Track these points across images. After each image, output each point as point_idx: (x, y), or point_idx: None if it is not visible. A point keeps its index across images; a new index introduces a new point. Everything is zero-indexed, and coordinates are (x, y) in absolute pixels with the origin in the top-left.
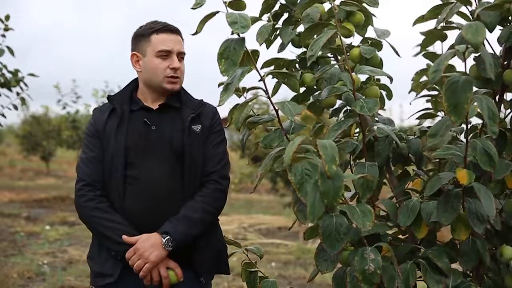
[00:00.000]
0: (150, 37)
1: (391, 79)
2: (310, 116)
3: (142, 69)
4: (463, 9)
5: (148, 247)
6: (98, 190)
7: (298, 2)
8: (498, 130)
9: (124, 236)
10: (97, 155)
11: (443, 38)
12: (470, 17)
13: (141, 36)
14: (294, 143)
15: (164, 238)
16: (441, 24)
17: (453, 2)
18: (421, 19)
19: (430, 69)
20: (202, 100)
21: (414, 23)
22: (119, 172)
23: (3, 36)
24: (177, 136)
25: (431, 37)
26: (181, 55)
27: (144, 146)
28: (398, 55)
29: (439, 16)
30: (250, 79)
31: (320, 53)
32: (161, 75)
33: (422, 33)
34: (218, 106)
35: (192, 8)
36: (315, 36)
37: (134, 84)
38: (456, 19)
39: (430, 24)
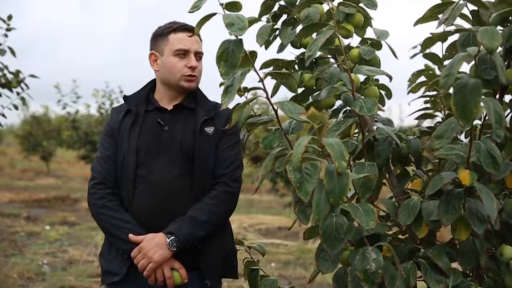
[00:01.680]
0: (168, 36)
1: (390, 77)
2: (316, 114)
3: (160, 68)
4: (463, 10)
5: (152, 246)
6: (109, 189)
7: (297, 3)
8: (503, 134)
9: (130, 235)
10: (111, 154)
11: (444, 39)
12: (470, 17)
13: (160, 36)
14: (301, 144)
15: (168, 238)
16: (450, 28)
17: (454, 2)
18: (422, 19)
19: (442, 72)
20: (217, 103)
21: (415, 24)
22: (130, 171)
23: (5, 36)
24: (189, 137)
25: (432, 38)
26: (198, 55)
27: (155, 146)
28: (396, 57)
29: (440, 16)
30: (250, 79)
31: (320, 53)
32: (179, 73)
33: (432, 34)
34: (220, 110)
35: (189, 12)
36: (313, 36)
37: (151, 84)
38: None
39: (431, 24)
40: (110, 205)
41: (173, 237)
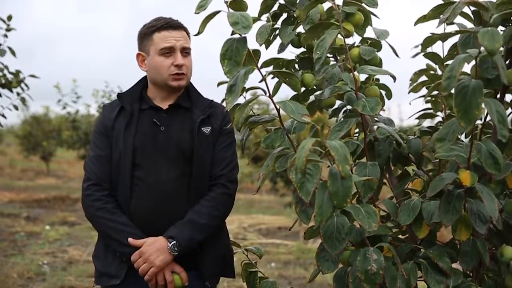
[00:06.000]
0: (152, 36)
1: (394, 78)
2: (322, 117)
3: (148, 68)
4: (465, 9)
5: (153, 251)
6: (105, 190)
7: (297, 2)
8: (508, 134)
9: (130, 239)
10: (106, 154)
11: (444, 38)
12: (472, 17)
13: (144, 35)
14: (305, 147)
15: (170, 243)
16: (451, 28)
17: (455, 2)
18: (423, 18)
19: (443, 75)
20: (212, 100)
21: (416, 23)
22: (126, 173)
23: (5, 36)
24: (186, 138)
25: (432, 37)
26: (185, 51)
27: (152, 147)
28: (397, 56)
29: (441, 16)
30: (250, 79)
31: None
32: (166, 73)
33: (432, 34)
34: (215, 108)
35: (195, 13)
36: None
37: (144, 81)
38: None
39: (432, 24)
40: (108, 207)
41: (174, 242)
